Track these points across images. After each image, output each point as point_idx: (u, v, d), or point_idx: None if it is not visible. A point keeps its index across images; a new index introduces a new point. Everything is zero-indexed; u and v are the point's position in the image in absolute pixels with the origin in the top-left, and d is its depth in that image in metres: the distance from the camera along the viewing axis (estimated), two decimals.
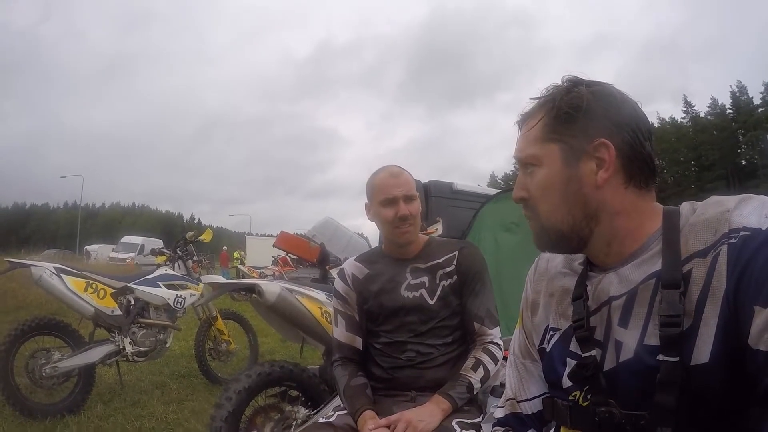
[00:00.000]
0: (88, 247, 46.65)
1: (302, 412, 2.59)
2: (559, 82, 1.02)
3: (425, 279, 1.92)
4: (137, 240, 46.13)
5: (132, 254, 39.23)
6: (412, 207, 1.89)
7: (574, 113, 0.97)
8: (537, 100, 1.04)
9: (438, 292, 1.90)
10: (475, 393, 1.79)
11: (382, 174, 1.93)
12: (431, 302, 1.89)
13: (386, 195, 1.88)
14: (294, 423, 2.54)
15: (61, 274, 4.05)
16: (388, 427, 1.63)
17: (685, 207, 0.96)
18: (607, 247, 0.99)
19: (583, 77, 1.01)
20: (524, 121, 1.06)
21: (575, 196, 0.97)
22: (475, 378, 1.78)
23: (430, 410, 1.68)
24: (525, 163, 1.04)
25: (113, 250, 43.22)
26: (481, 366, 1.81)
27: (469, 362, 1.82)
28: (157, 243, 45.66)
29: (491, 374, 1.82)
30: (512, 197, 1.08)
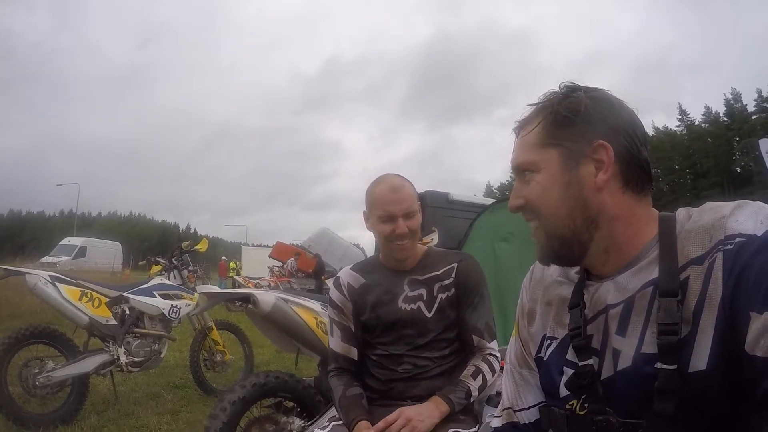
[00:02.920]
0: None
1: (297, 423, 2.58)
2: (556, 89, 1.03)
3: (423, 291, 1.90)
4: (77, 241, 39.11)
5: (65, 258, 33.68)
6: (411, 223, 1.85)
7: (572, 117, 0.97)
8: (534, 107, 1.04)
9: (436, 305, 1.88)
10: (472, 401, 1.78)
11: (383, 187, 1.88)
12: (429, 315, 1.87)
13: (384, 211, 1.84)
14: None
15: (56, 283, 4.03)
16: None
17: (681, 213, 0.96)
18: (605, 255, 0.99)
19: (581, 84, 1.02)
20: (521, 127, 1.06)
21: (575, 199, 0.97)
22: (474, 386, 1.78)
23: (429, 409, 1.68)
24: (522, 169, 1.03)
25: (51, 253, 36.30)
26: (481, 375, 1.80)
27: (469, 369, 1.82)
28: (113, 246, 42.16)
29: (488, 384, 1.82)
30: (508, 206, 1.08)
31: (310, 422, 2.55)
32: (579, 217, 0.97)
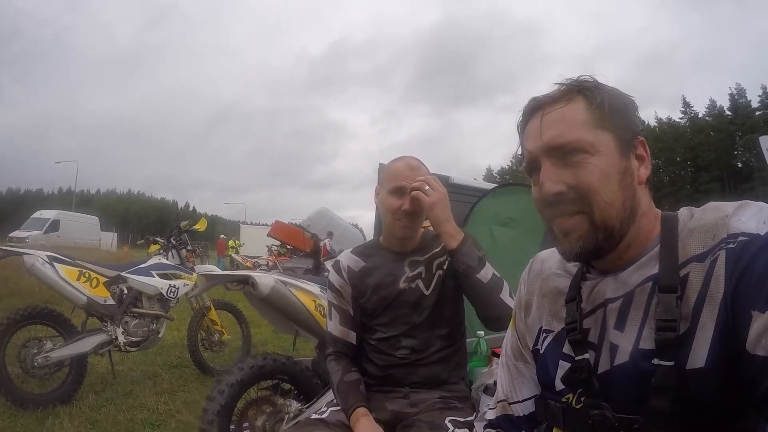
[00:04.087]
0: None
1: (294, 405, 2.59)
2: (584, 77, 0.99)
3: (421, 269, 1.89)
4: (49, 215, 34.76)
5: (36, 232, 30.62)
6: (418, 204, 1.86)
7: (620, 106, 0.96)
8: (566, 86, 0.98)
9: (434, 281, 1.87)
10: (476, 267, 1.75)
11: (401, 163, 1.89)
12: (427, 292, 1.86)
13: (397, 184, 1.84)
14: (286, 416, 2.54)
15: (54, 263, 4.02)
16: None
17: (683, 212, 0.96)
18: (625, 250, 0.97)
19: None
20: (557, 101, 0.97)
21: (629, 189, 0.94)
22: (489, 266, 1.78)
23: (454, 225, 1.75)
24: (570, 149, 0.94)
25: (22, 227, 32.91)
26: (496, 273, 1.79)
27: None
28: (90, 220, 39.35)
29: (500, 283, 1.77)
30: (544, 193, 0.95)
31: (307, 404, 2.56)
32: (629, 207, 0.94)
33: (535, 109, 0.99)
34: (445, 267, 1.88)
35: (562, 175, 0.94)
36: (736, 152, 65.90)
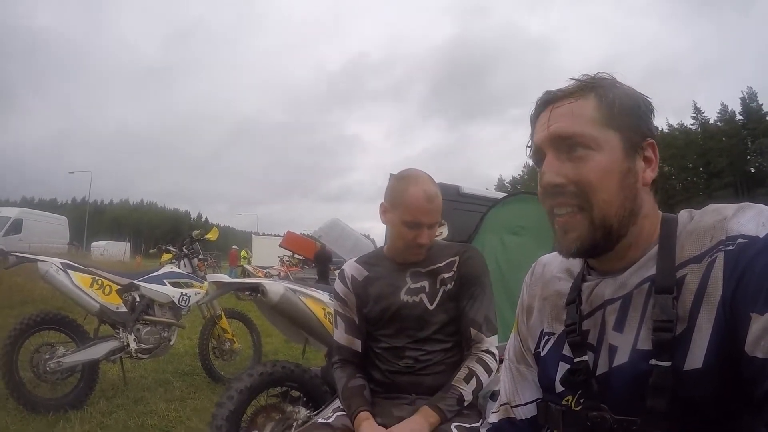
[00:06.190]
0: (95, 244, 42.86)
1: (303, 412, 2.59)
2: (599, 74, 1.00)
3: (425, 283, 1.88)
4: (10, 213, 29.13)
5: None
6: (432, 233, 1.85)
7: (632, 107, 0.96)
8: (580, 82, 0.99)
9: (438, 297, 1.87)
10: (465, 404, 1.74)
11: (418, 191, 1.81)
12: (431, 307, 1.86)
13: (413, 218, 1.81)
14: (295, 423, 2.54)
15: (68, 270, 4.07)
16: None
17: (683, 215, 0.96)
18: (626, 250, 0.97)
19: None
20: (568, 96, 0.98)
21: (630, 189, 0.94)
22: (467, 390, 1.74)
23: (419, 423, 1.63)
24: (574, 142, 0.94)
25: None
26: (474, 377, 1.77)
27: (462, 372, 1.78)
28: (57, 220, 34.71)
29: (484, 385, 1.78)
30: (544, 183, 0.96)
31: (315, 412, 2.56)
32: (628, 207, 0.94)
33: (547, 102, 1.00)
34: (449, 285, 1.88)
35: (563, 168, 0.94)
36: (749, 157, 64.85)
